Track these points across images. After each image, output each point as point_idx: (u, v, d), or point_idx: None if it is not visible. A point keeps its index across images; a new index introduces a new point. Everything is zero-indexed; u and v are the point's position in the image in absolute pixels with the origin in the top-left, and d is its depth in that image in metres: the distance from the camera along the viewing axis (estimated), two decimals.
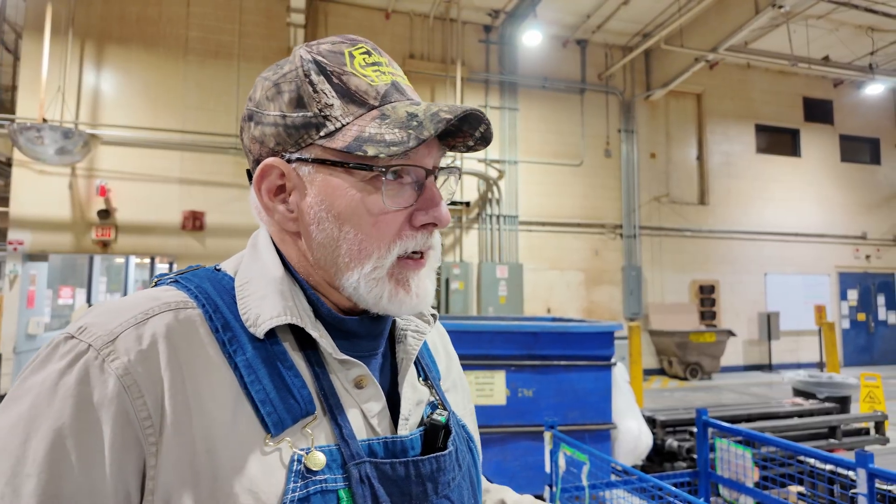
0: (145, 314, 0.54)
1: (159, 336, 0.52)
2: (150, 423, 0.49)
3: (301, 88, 0.57)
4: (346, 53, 0.59)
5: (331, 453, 0.54)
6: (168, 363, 0.51)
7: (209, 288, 0.59)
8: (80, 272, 9.86)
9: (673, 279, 11.07)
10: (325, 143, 0.57)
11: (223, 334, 0.55)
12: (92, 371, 0.49)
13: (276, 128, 0.58)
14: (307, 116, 0.57)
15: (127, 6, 8.43)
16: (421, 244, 0.60)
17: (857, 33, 10.57)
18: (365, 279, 0.58)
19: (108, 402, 0.49)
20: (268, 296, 0.57)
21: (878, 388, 5.09)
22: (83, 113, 8.09)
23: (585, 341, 3.76)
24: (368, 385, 0.60)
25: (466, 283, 9.49)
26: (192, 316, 0.55)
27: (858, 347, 12.52)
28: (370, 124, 0.56)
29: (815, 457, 2.49)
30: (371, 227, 0.57)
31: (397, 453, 0.59)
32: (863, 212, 12.76)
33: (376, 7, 9.65)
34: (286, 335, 0.58)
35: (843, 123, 12.83)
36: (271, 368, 0.55)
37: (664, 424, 4.26)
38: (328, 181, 0.58)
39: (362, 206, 0.57)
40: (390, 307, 0.59)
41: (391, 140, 0.54)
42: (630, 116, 11.06)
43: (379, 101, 0.58)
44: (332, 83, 0.57)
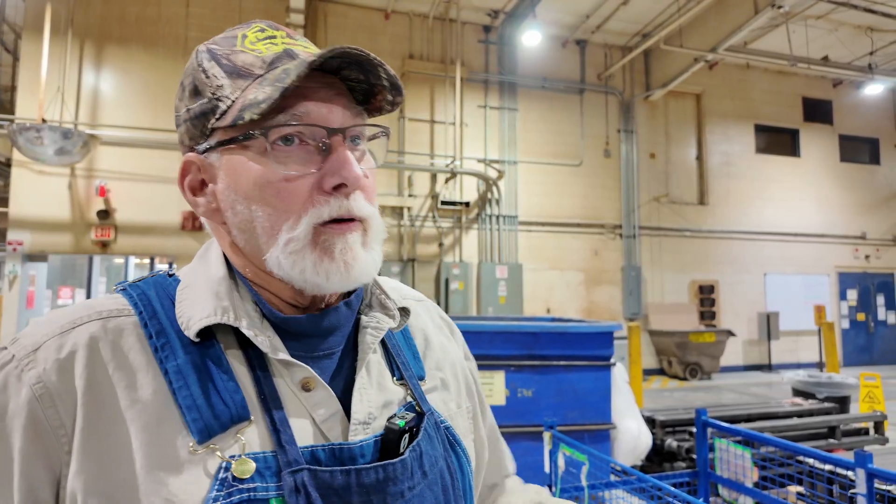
0: (72, 323, 0.54)
1: (80, 345, 0.52)
2: (64, 433, 0.49)
3: (196, 78, 0.57)
4: (239, 35, 0.59)
5: (265, 460, 0.52)
6: (84, 371, 0.51)
7: (152, 294, 0.58)
8: (80, 272, 9.85)
9: (672, 279, 11.08)
10: (220, 124, 0.56)
11: (156, 340, 0.54)
12: (9, 380, 0.50)
13: (186, 123, 0.59)
14: (203, 103, 0.56)
15: (126, 6, 8.43)
16: (336, 209, 0.55)
17: (857, 33, 10.57)
18: (284, 254, 0.55)
19: (20, 411, 0.49)
20: (201, 296, 0.56)
21: (877, 388, 5.09)
22: (82, 113, 8.09)
23: (585, 341, 3.76)
24: (316, 388, 0.56)
25: (466, 284, 9.49)
26: (123, 324, 0.55)
27: (858, 347, 12.53)
28: (251, 91, 0.54)
29: (815, 457, 2.49)
30: (275, 198, 0.55)
31: (344, 461, 0.55)
32: (862, 212, 12.77)
33: (376, 7, 9.66)
34: (226, 337, 0.56)
35: (843, 123, 12.84)
36: (202, 373, 0.53)
37: (663, 424, 4.26)
38: (232, 162, 0.56)
39: (262, 178, 0.55)
40: (317, 279, 0.55)
41: (262, 98, 0.52)
42: (629, 116, 11.06)
43: (265, 70, 0.56)
44: (221, 64, 0.57)
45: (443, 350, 0.75)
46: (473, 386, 0.79)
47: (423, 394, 0.66)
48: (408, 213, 9.48)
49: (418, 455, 0.59)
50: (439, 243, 9.68)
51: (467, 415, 0.74)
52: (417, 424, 0.61)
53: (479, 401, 0.80)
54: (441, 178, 9.73)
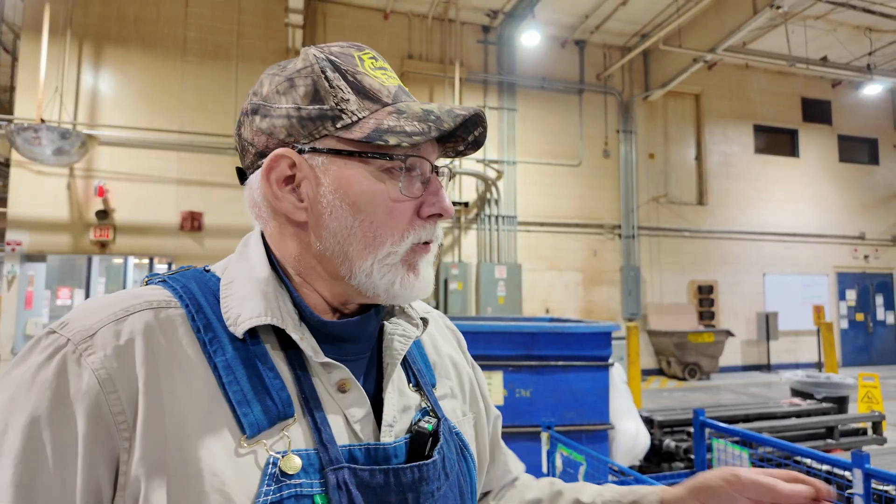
0: (125, 311, 0.54)
1: (137, 333, 0.53)
2: (124, 419, 0.50)
3: (317, 83, 0.59)
4: (356, 56, 0.62)
5: (308, 457, 0.54)
6: (144, 360, 0.52)
7: (194, 288, 0.59)
8: (79, 273, 9.84)
9: (671, 279, 11.08)
10: (342, 134, 0.58)
11: (204, 334, 0.55)
12: (69, 365, 0.50)
13: (289, 119, 0.59)
14: (323, 109, 0.59)
15: (125, 7, 8.42)
16: (430, 234, 0.63)
17: (856, 34, 10.58)
18: (379, 265, 0.59)
19: (83, 396, 0.49)
20: (250, 296, 0.58)
21: (875, 389, 5.09)
22: (81, 113, 8.08)
23: (583, 342, 3.76)
24: (352, 389, 0.59)
25: (465, 284, 9.49)
26: (173, 315, 0.56)
27: (857, 347, 12.53)
28: (387, 118, 0.59)
29: (812, 457, 2.49)
30: (385, 215, 0.59)
31: (379, 460, 0.58)
32: (861, 212, 12.78)
33: (375, 7, 9.66)
34: (269, 336, 0.58)
35: (842, 124, 12.85)
36: (251, 370, 0.55)
37: (662, 425, 4.27)
38: (343, 171, 0.59)
39: (378, 194, 0.59)
40: (402, 292, 0.61)
41: (412, 131, 0.57)
42: (628, 117, 11.07)
43: (391, 100, 0.61)
44: (347, 80, 0.60)
45: (451, 359, 0.79)
46: (479, 392, 0.82)
47: (437, 400, 0.70)
48: None
49: (442, 458, 0.63)
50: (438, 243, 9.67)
51: (471, 422, 0.77)
52: (437, 429, 0.64)
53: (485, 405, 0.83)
54: None
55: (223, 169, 8.54)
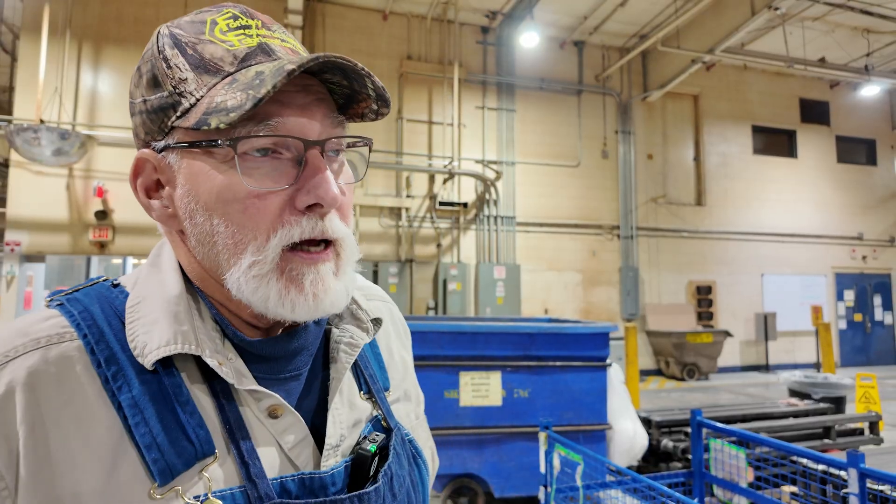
0: (5, 356, 0.47)
1: (17, 384, 0.45)
2: (5, 485, 0.44)
3: (155, 66, 0.51)
4: (208, 21, 0.52)
5: (233, 497, 0.48)
6: (25, 415, 0.45)
7: (97, 311, 0.51)
8: (78, 273, 9.85)
9: (670, 280, 11.10)
10: (181, 124, 0.49)
11: (106, 369, 0.48)
12: None
13: (141, 115, 0.52)
14: (163, 97, 0.50)
15: (124, 7, 8.43)
16: (308, 231, 0.50)
17: (853, 35, 10.61)
18: (246, 277, 0.49)
19: None
20: (159, 319, 0.50)
21: (873, 389, 5.11)
22: (80, 114, 8.08)
23: (581, 342, 3.77)
24: (284, 414, 0.52)
25: (464, 284, 9.50)
26: (68, 351, 0.48)
27: (855, 348, 12.56)
28: (219, 93, 0.48)
29: (808, 457, 2.50)
30: (241, 214, 0.49)
31: (315, 490, 0.52)
32: (859, 212, 12.80)
33: (374, 8, 9.67)
34: (186, 363, 0.51)
35: (840, 125, 12.88)
36: (162, 406, 0.48)
37: (659, 425, 4.28)
38: (191, 167, 0.50)
39: (227, 190, 0.49)
40: (281, 311, 0.50)
41: (232, 105, 0.46)
42: (627, 117, 11.09)
43: (235, 67, 0.50)
44: (186, 55, 0.50)
45: (402, 358, 0.73)
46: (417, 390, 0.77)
47: (389, 408, 0.63)
48: (406, 214, 9.49)
49: (389, 479, 0.57)
50: (437, 244, 9.69)
51: (424, 425, 0.72)
52: (386, 444, 0.59)
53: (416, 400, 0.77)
54: (439, 179, 9.75)
55: None
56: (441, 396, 3.55)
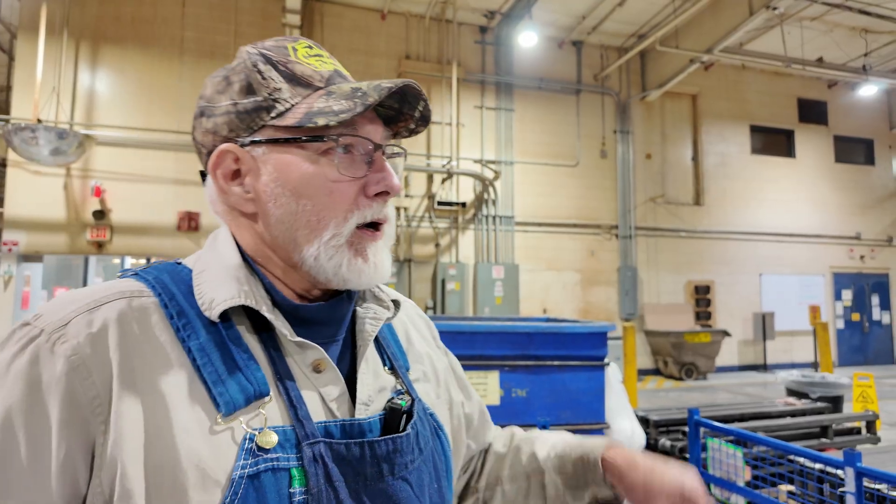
0: (97, 301, 0.56)
1: (110, 321, 0.54)
2: (99, 402, 0.51)
3: (250, 77, 0.61)
4: (290, 47, 0.64)
5: (284, 433, 0.56)
6: (118, 345, 0.53)
7: (167, 279, 0.61)
8: (76, 273, 9.82)
9: (668, 280, 11.11)
10: (277, 123, 0.60)
11: (178, 321, 0.57)
12: (42, 353, 0.52)
13: (228, 116, 0.62)
14: (257, 101, 0.61)
15: (122, 6, 8.42)
16: (377, 213, 0.63)
17: (851, 35, 10.62)
18: (325, 247, 0.60)
19: (56, 383, 0.51)
20: (223, 281, 0.60)
21: (870, 388, 5.12)
22: (78, 113, 8.07)
23: (579, 342, 3.77)
24: (326, 369, 0.61)
25: (463, 284, 9.50)
26: (146, 303, 0.58)
27: (853, 347, 12.58)
28: (318, 100, 0.60)
29: (805, 456, 2.51)
30: (326, 196, 0.60)
31: (354, 435, 0.60)
32: (857, 212, 12.83)
33: (372, 8, 9.66)
34: (242, 320, 0.60)
35: (838, 124, 12.90)
36: (225, 351, 0.57)
37: (657, 424, 4.28)
38: (282, 158, 0.61)
39: (317, 177, 0.60)
40: (350, 276, 0.61)
41: (339, 109, 0.58)
42: (626, 117, 11.09)
43: (324, 84, 0.62)
44: (279, 70, 0.61)
45: (421, 346, 0.81)
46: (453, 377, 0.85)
47: (411, 383, 0.72)
48: (404, 214, 9.49)
49: (416, 433, 0.65)
50: (436, 244, 9.69)
51: (445, 405, 0.79)
52: (411, 407, 0.67)
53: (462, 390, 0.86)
54: (437, 179, 9.74)
55: None
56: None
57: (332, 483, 0.56)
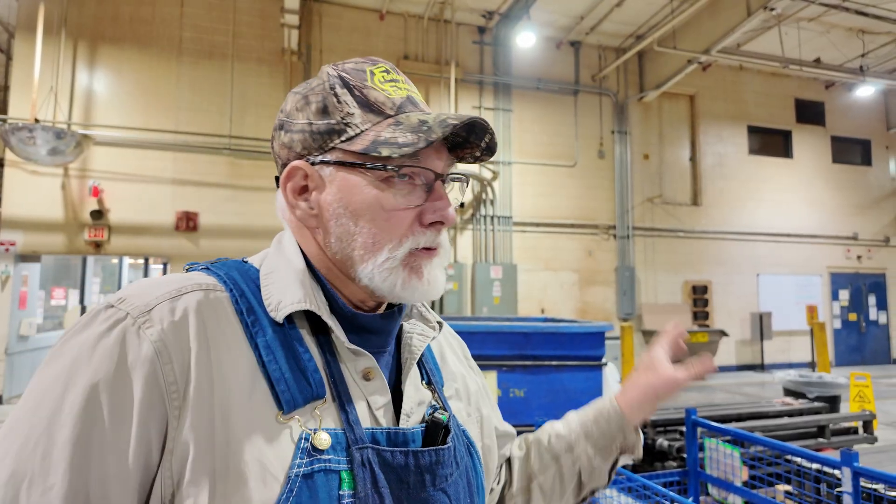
0: (178, 290, 0.59)
1: (190, 310, 0.57)
2: (176, 388, 0.54)
3: (326, 99, 0.64)
4: (368, 71, 0.67)
5: (336, 436, 0.58)
6: (196, 335, 0.56)
7: (237, 276, 0.64)
8: (74, 273, 9.81)
9: (666, 280, 11.13)
10: (346, 147, 0.63)
11: (247, 317, 0.60)
12: (129, 335, 0.54)
13: (304, 134, 0.65)
14: (331, 123, 0.64)
15: (120, 6, 8.40)
16: (430, 241, 0.65)
17: (848, 36, 10.65)
18: (379, 269, 0.63)
19: (141, 364, 0.53)
20: (290, 285, 0.63)
21: (867, 388, 5.13)
22: (76, 113, 8.06)
23: (576, 342, 3.78)
24: (375, 378, 0.64)
25: (461, 284, 9.51)
26: (221, 297, 0.61)
27: (850, 347, 12.61)
28: (385, 130, 0.63)
29: (802, 456, 2.52)
30: (384, 221, 0.63)
31: (398, 444, 0.62)
32: (854, 212, 12.86)
33: (370, 8, 9.66)
34: (303, 322, 0.63)
35: (835, 125, 12.93)
36: (288, 351, 0.59)
37: (655, 424, 4.29)
38: (346, 180, 0.64)
39: (376, 202, 0.63)
40: (404, 294, 0.64)
41: (403, 142, 0.61)
42: (623, 117, 11.11)
43: (395, 112, 0.65)
44: (354, 95, 0.64)
45: (455, 365, 0.84)
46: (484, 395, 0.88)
47: (446, 399, 0.74)
48: None
49: (454, 448, 0.68)
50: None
51: (476, 423, 0.82)
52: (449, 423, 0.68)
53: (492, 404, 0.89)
54: None
55: (218, 169, 8.53)
56: None
57: (377, 489, 0.58)
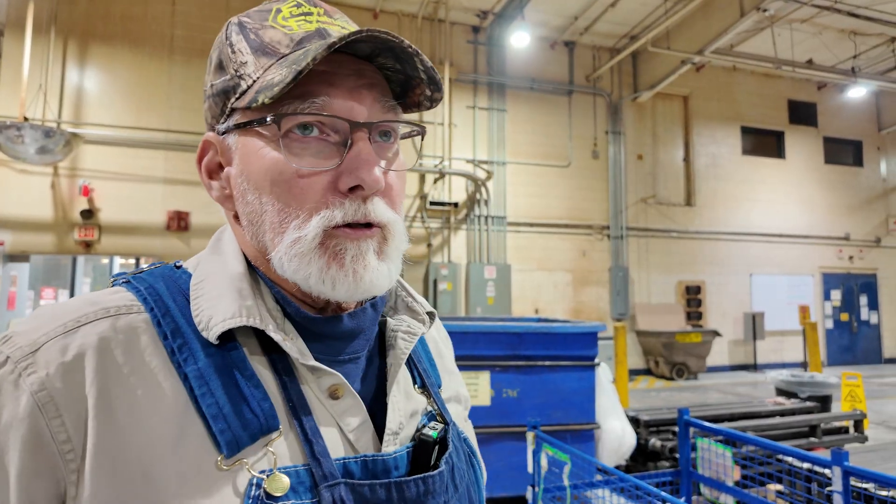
0: (76, 322, 0.47)
1: (88, 346, 0.46)
2: (71, 447, 0.43)
3: (222, 52, 0.53)
4: (274, 9, 0.54)
5: (297, 475, 0.47)
6: (95, 377, 0.45)
7: (161, 288, 0.52)
8: (63, 273, 9.72)
9: (659, 280, 11.15)
10: (239, 104, 0.51)
11: (172, 341, 0.48)
12: (3, 386, 0.44)
13: (209, 100, 0.55)
14: (225, 80, 0.52)
15: (111, 4, 8.34)
16: (351, 213, 0.50)
17: (840, 37, 10.71)
18: (288, 255, 0.50)
19: (19, 423, 0.43)
20: (224, 295, 0.51)
21: (858, 388, 5.16)
22: (66, 112, 7.98)
23: (569, 342, 3.77)
24: (345, 395, 0.52)
25: (455, 284, 9.49)
26: (135, 322, 0.49)
27: (842, 347, 12.69)
28: (271, 72, 0.50)
29: (793, 455, 2.52)
30: (286, 193, 0.50)
31: (378, 474, 0.51)
32: (846, 213, 12.94)
33: (364, 7, 9.63)
34: (248, 340, 0.51)
35: (827, 126, 13.01)
36: (227, 378, 0.48)
37: (648, 424, 4.29)
38: (245, 147, 0.52)
39: (274, 168, 0.50)
40: (322, 288, 0.50)
41: (276, 80, 0.47)
42: (617, 118, 11.13)
43: (291, 49, 0.51)
44: (249, 39, 0.52)
45: (450, 360, 0.74)
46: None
47: (444, 403, 0.63)
48: None
49: (451, 468, 0.56)
50: (428, 244, 9.67)
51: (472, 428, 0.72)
52: (445, 435, 0.58)
53: None
54: (430, 179, 9.73)
55: None
56: None
57: None
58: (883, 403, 7.84)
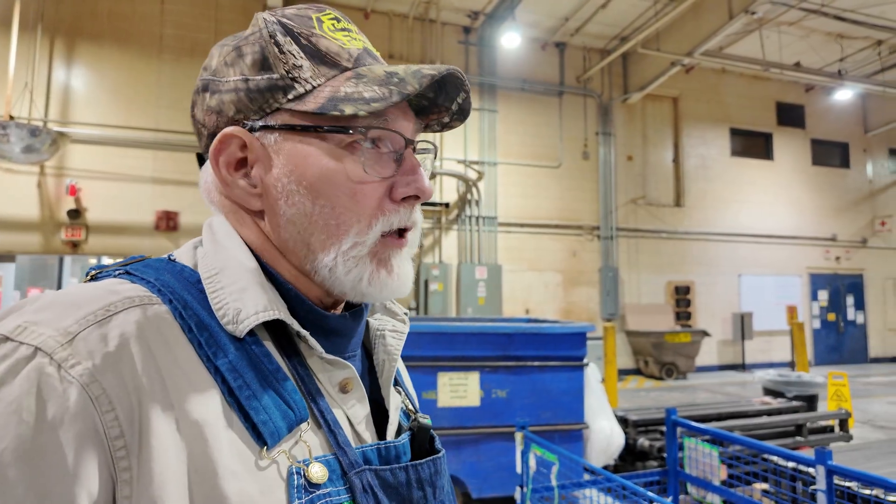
0: (107, 310, 0.44)
1: (130, 336, 0.44)
2: (123, 444, 0.41)
3: (266, 49, 0.52)
4: (314, 18, 0.54)
5: (329, 463, 0.49)
6: (144, 368, 0.43)
7: (172, 282, 0.50)
8: (50, 273, 9.61)
9: (649, 280, 11.22)
10: (294, 107, 0.51)
11: (198, 334, 0.47)
12: (44, 380, 0.40)
13: (237, 93, 0.52)
14: (273, 79, 0.51)
15: (98, 2, 8.26)
16: (404, 219, 0.55)
17: (827, 40, 10.84)
18: (343, 258, 0.52)
19: (71, 420, 0.39)
20: (247, 288, 0.50)
21: (844, 387, 5.21)
22: (52, 110, 7.90)
23: (558, 342, 3.78)
24: (354, 389, 0.54)
25: (445, 285, 9.49)
26: (162, 313, 0.47)
27: (829, 347, 12.83)
28: (345, 84, 0.51)
29: (779, 454, 2.54)
30: (349, 198, 0.52)
31: (391, 459, 0.55)
32: (833, 214, 13.09)
33: (355, 6, 9.61)
34: (264, 334, 0.51)
35: (815, 128, 13.15)
36: (258, 372, 0.48)
37: (636, 424, 4.31)
38: (298, 149, 0.52)
39: (339, 174, 0.51)
40: (370, 290, 0.53)
41: (371, 97, 0.50)
42: (607, 119, 11.18)
43: (353, 64, 0.53)
44: (301, 44, 0.52)
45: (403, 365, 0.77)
46: None
47: (416, 401, 0.66)
48: None
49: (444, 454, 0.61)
50: (419, 244, 9.66)
51: None
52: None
53: None
54: None
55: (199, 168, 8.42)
56: (418, 397, 3.53)
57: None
58: (868, 402, 7.93)
